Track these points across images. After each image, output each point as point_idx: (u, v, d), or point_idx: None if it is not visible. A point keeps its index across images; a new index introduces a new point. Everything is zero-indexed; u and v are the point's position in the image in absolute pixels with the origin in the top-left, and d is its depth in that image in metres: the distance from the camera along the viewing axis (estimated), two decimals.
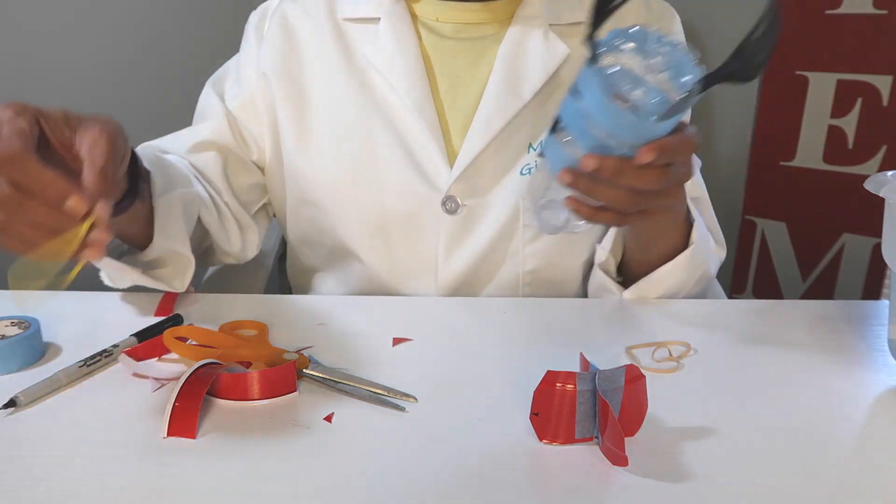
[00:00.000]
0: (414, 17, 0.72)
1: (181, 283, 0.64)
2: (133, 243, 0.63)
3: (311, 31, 0.73)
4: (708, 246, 0.69)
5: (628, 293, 0.68)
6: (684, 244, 0.67)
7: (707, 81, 0.45)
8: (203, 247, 0.74)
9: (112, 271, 0.60)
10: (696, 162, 0.56)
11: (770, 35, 0.43)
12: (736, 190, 1.48)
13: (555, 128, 0.50)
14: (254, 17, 0.77)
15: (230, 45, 1.30)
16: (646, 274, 0.67)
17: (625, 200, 0.50)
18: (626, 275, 0.71)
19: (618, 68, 0.45)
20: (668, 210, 0.56)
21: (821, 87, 1.33)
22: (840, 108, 1.32)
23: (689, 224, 0.67)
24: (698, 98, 0.45)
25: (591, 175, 0.48)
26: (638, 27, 0.46)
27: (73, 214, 0.43)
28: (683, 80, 0.45)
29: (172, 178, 0.64)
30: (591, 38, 0.45)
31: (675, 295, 0.68)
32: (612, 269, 0.71)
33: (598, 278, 0.70)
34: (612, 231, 0.70)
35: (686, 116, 0.65)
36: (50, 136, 0.46)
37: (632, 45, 0.45)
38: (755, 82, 1.41)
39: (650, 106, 0.44)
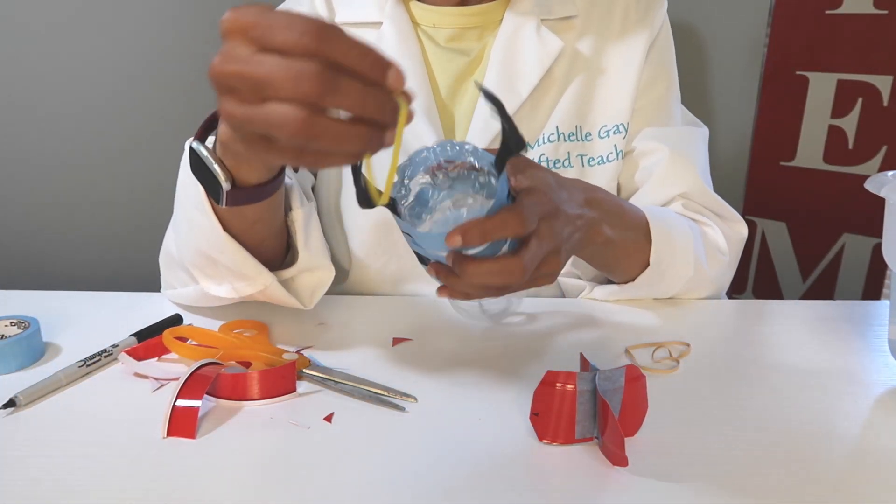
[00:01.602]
0: (414, 22, 0.72)
1: (311, 299, 0.61)
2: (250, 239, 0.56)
3: None
4: (691, 257, 0.66)
5: (598, 291, 0.69)
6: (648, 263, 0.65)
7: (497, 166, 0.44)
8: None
9: (240, 268, 0.55)
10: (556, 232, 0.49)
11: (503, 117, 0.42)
12: (736, 190, 1.48)
13: (421, 260, 0.50)
14: None
15: None
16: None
17: (485, 292, 0.48)
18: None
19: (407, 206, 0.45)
20: (551, 278, 0.50)
21: (821, 87, 1.33)
22: (840, 108, 1.32)
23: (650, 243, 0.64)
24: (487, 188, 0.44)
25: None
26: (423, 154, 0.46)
27: (396, 87, 0.36)
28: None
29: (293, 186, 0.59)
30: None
31: (660, 297, 0.69)
32: (579, 276, 0.72)
33: (565, 284, 0.72)
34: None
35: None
36: None
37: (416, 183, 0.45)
38: (756, 82, 1.41)
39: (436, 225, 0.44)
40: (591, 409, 0.44)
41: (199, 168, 0.49)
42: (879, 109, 1.28)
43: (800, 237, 1.43)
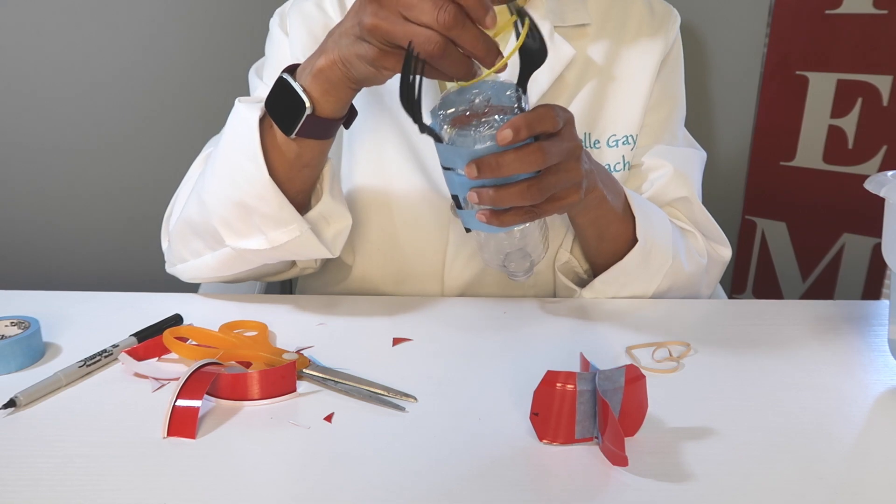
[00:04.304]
0: None
1: (337, 246, 0.64)
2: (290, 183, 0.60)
3: (326, 26, 0.73)
4: (670, 243, 0.68)
5: (586, 291, 0.69)
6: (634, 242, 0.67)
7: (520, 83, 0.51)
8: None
9: (278, 213, 0.59)
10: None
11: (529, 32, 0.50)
12: (736, 190, 1.48)
13: (458, 205, 0.54)
14: (275, 18, 0.76)
15: (237, 50, 1.29)
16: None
17: (523, 192, 0.50)
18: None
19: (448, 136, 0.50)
20: (577, 189, 0.54)
21: (821, 87, 1.33)
22: (840, 108, 1.32)
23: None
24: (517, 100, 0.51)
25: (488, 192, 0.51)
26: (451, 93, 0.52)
27: (489, 27, 0.48)
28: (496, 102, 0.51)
29: None
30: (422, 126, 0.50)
31: (643, 294, 0.69)
32: (576, 268, 0.72)
33: (558, 279, 0.72)
34: (569, 236, 0.71)
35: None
36: None
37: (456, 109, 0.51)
38: (756, 82, 1.41)
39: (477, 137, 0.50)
40: (591, 409, 0.44)
41: (277, 102, 0.56)
42: (879, 109, 1.28)
43: (800, 237, 1.43)
